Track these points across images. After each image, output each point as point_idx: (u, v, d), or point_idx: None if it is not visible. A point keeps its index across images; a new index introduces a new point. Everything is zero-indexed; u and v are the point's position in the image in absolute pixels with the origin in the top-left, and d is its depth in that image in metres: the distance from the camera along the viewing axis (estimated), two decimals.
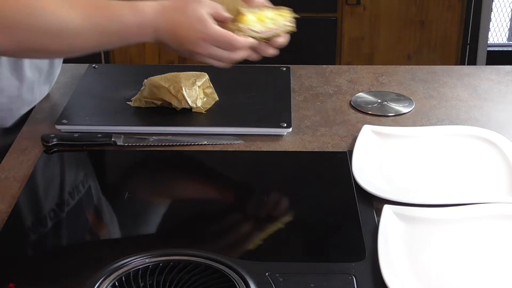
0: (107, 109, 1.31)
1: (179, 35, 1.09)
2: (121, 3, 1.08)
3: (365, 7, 2.75)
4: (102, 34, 1.07)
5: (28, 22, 1.02)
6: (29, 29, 1.02)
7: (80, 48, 1.09)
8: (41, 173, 1.13)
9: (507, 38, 3.19)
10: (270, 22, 1.15)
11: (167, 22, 1.09)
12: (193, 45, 1.09)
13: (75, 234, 1.01)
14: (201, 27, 1.09)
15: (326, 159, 1.19)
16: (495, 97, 1.40)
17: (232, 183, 1.15)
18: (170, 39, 1.10)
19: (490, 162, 1.16)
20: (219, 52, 1.10)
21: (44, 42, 1.05)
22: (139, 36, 1.09)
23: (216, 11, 1.11)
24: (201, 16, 1.09)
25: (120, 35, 1.09)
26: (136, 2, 1.09)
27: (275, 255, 0.96)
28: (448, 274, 0.90)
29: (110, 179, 1.19)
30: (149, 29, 1.09)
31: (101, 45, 1.12)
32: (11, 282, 0.87)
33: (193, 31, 1.09)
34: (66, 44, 1.07)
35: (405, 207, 1.03)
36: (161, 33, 1.09)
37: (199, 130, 1.25)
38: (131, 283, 0.85)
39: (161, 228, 1.02)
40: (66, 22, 1.04)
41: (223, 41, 1.10)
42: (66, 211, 1.06)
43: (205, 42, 1.09)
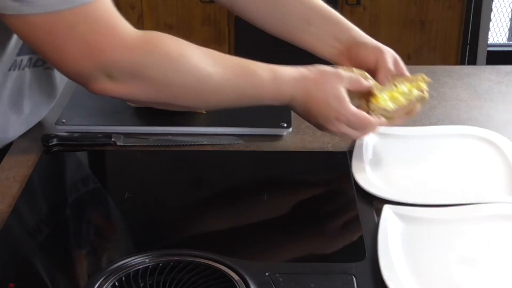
0: (107, 109, 1.31)
1: (313, 109, 1.09)
2: (261, 66, 1.08)
3: (365, 7, 2.75)
4: (239, 95, 1.08)
5: (172, 77, 1.01)
6: (172, 83, 1.02)
7: (213, 105, 1.10)
8: (41, 173, 1.13)
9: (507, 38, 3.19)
10: (403, 98, 1.13)
11: (304, 93, 1.09)
12: (326, 122, 1.10)
13: (75, 234, 1.01)
14: (337, 106, 1.08)
15: (326, 159, 1.19)
16: (495, 97, 1.40)
17: (232, 183, 1.15)
18: (303, 110, 1.11)
19: (490, 162, 1.15)
20: (349, 131, 1.11)
21: (181, 97, 1.05)
22: (273, 101, 1.10)
23: (353, 83, 1.11)
24: (339, 95, 1.08)
25: (256, 98, 1.09)
26: (276, 67, 1.09)
27: (275, 255, 0.96)
28: (448, 274, 0.90)
29: (110, 179, 1.19)
30: (284, 97, 1.09)
31: (234, 104, 1.11)
32: (11, 282, 0.87)
33: (328, 109, 1.09)
34: (201, 100, 1.07)
35: (405, 207, 1.03)
36: (296, 102, 1.10)
37: (199, 130, 1.25)
38: (131, 283, 0.85)
39: (161, 228, 1.02)
40: (207, 80, 1.04)
41: (356, 122, 1.09)
42: (66, 211, 1.06)
43: (338, 121, 1.09)
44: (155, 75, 1.00)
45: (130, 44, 0.98)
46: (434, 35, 2.80)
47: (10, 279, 0.88)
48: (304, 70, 1.10)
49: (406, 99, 1.14)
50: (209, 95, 1.06)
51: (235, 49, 2.77)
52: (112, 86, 0.99)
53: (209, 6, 2.70)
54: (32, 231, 1.00)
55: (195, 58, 1.03)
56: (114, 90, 1.00)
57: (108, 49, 0.97)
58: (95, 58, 0.97)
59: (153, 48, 1.00)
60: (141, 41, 1.00)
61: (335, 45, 1.23)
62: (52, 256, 0.95)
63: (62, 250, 0.97)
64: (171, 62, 1.01)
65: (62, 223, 1.03)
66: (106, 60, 0.97)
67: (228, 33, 2.76)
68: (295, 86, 1.09)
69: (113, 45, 0.97)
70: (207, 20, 2.72)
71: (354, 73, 1.12)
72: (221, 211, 1.07)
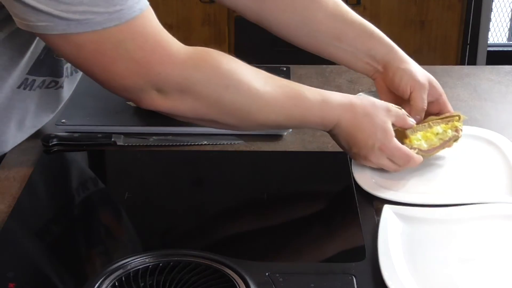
0: (107, 109, 1.31)
1: (357, 137, 1.08)
2: (310, 89, 1.07)
3: (365, 7, 2.74)
4: (286, 117, 1.06)
5: (221, 92, 1.01)
6: (221, 100, 1.01)
7: (259, 125, 1.08)
8: (41, 173, 1.13)
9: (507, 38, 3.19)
10: (437, 139, 1.13)
11: (351, 121, 1.07)
12: (368, 152, 1.08)
13: (75, 234, 1.01)
14: (383, 138, 1.08)
15: (326, 159, 1.19)
16: (495, 97, 1.40)
17: (232, 183, 1.15)
18: (346, 138, 1.09)
19: (490, 162, 1.15)
20: (389, 164, 1.10)
21: (229, 114, 1.03)
22: (318, 125, 1.09)
23: (399, 120, 1.10)
24: (387, 128, 1.08)
25: (301, 121, 1.08)
26: (324, 91, 1.08)
27: (275, 255, 0.96)
28: (448, 274, 0.90)
29: (110, 179, 1.19)
30: (330, 122, 1.08)
31: (279, 125, 1.11)
32: (11, 282, 0.87)
33: (374, 139, 1.08)
34: (249, 119, 1.05)
35: (405, 207, 1.03)
36: (340, 129, 1.08)
37: (199, 130, 1.25)
38: (131, 283, 0.85)
39: (161, 228, 1.02)
40: (256, 99, 1.03)
41: (399, 157, 1.09)
42: (66, 211, 1.06)
43: (381, 152, 1.08)
44: (205, 91, 1.00)
45: (180, 59, 0.97)
46: (434, 35, 2.80)
47: (10, 279, 0.88)
48: (354, 98, 1.09)
49: (440, 139, 1.13)
50: (257, 114, 1.04)
51: (235, 49, 2.76)
52: (162, 101, 0.99)
53: (209, 6, 2.70)
54: (32, 231, 1.00)
55: (246, 76, 1.02)
56: (164, 105, 0.99)
57: (157, 65, 0.96)
58: (144, 75, 0.96)
59: (203, 63, 1.00)
60: (190, 56, 0.99)
61: (370, 62, 1.21)
62: (52, 256, 0.96)
63: (62, 250, 0.97)
64: (221, 78, 1.00)
65: (62, 223, 1.03)
66: (155, 76, 0.96)
67: (228, 33, 2.76)
68: (342, 112, 1.07)
69: (162, 61, 0.96)
70: (207, 20, 2.72)
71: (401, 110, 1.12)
72: (221, 211, 1.07)
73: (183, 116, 1.03)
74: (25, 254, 0.95)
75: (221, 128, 1.09)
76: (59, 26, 0.91)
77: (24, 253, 0.95)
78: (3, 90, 1.09)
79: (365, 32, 1.21)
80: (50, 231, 1.01)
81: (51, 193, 1.10)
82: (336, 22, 1.21)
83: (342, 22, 1.21)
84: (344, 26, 1.21)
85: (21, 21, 0.93)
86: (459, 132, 1.15)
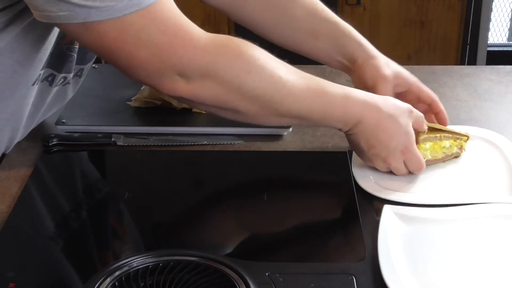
0: (107, 109, 1.31)
1: (380, 139, 1.07)
2: (333, 84, 1.06)
3: (365, 7, 2.74)
4: (308, 109, 1.04)
5: (244, 78, 0.99)
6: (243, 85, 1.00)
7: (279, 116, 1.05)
8: (41, 173, 1.13)
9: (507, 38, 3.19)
10: (441, 152, 1.13)
11: (374, 120, 1.06)
12: (389, 153, 1.07)
13: (75, 234, 1.01)
14: (406, 142, 1.07)
15: (326, 159, 1.19)
16: (495, 97, 1.40)
17: (232, 183, 1.15)
18: (368, 137, 1.07)
19: (490, 162, 1.16)
20: (402, 168, 1.09)
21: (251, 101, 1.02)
22: (339, 121, 1.07)
23: (418, 122, 1.10)
24: (410, 132, 1.08)
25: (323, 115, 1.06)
26: (347, 87, 1.08)
27: (275, 255, 0.96)
28: (448, 274, 0.90)
29: (110, 179, 1.19)
30: (352, 118, 1.06)
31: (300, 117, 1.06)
32: (11, 282, 0.87)
33: (397, 142, 1.07)
34: (270, 109, 1.03)
35: (405, 207, 1.03)
36: (362, 127, 1.06)
37: (199, 130, 1.25)
38: (131, 283, 0.85)
39: (161, 228, 1.02)
40: (279, 86, 1.02)
41: (415, 163, 1.09)
42: (66, 211, 1.06)
43: (402, 155, 1.08)
44: (227, 75, 0.99)
45: (202, 43, 0.97)
46: (434, 35, 2.80)
47: (10, 279, 0.88)
48: (377, 97, 1.08)
49: (443, 153, 1.14)
50: (279, 102, 1.03)
51: None
52: (184, 86, 0.98)
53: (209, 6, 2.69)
54: (32, 231, 1.00)
55: (269, 63, 1.02)
56: (185, 91, 0.98)
57: (180, 48, 0.96)
58: (166, 60, 0.96)
59: (225, 48, 0.99)
60: (212, 41, 0.98)
61: (341, 60, 1.23)
62: (52, 256, 0.96)
63: (62, 250, 0.97)
64: (243, 63, 1.00)
65: (62, 223, 1.03)
66: (178, 60, 0.96)
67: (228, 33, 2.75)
68: (365, 109, 1.06)
69: (184, 44, 0.96)
70: (207, 20, 2.72)
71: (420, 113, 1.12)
72: (221, 211, 1.07)
73: (204, 103, 1.02)
74: (25, 254, 0.95)
75: (242, 120, 1.06)
76: (80, 15, 0.91)
77: (24, 253, 0.95)
78: (19, 87, 1.10)
79: (338, 30, 1.23)
80: (50, 231, 1.01)
81: (51, 193, 1.10)
82: (312, 19, 1.23)
83: (318, 20, 1.23)
84: (319, 24, 1.23)
85: (41, 13, 0.93)
86: (462, 151, 1.16)
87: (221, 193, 1.11)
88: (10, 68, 1.06)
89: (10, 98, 1.10)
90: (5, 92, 1.09)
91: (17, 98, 1.11)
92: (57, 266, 0.94)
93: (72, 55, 1.15)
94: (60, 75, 1.16)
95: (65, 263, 0.94)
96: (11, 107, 1.11)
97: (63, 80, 1.17)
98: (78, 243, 0.99)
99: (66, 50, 1.13)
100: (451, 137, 1.15)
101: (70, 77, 1.19)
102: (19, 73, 1.08)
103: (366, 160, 1.11)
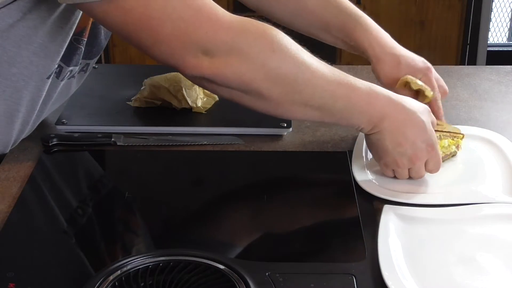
0: (107, 109, 1.31)
1: (408, 136, 1.05)
2: (355, 78, 1.06)
3: (365, 7, 2.75)
4: (331, 96, 1.02)
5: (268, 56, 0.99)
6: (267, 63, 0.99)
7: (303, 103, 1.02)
8: (41, 173, 1.13)
9: (507, 38, 3.19)
10: (441, 152, 1.12)
11: (401, 117, 1.05)
12: (417, 150, 1.05)
13: (75, 234, 1.01)
14: (431, 139, 1.06)
15: (326, 159, 1.19)
16: (495, 97, 1.40)
17: (232, 183, 1.15)
18: (394, 134, 1.05)
19: (490, 162, 1.15)
20: (420, 169, 1.08)
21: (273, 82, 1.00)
22: (363, 113, 1.04)
23: (433, 123, 1.10)
24: (431, 129, 1.07)
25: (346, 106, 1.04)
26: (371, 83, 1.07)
27: (275, 255, 0.96)
28: (448, 274, 0.90)
29: (110, 179, 1.19)
30: (377, 111, 1.04)
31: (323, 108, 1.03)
32: (11, 282, 0.87)
33: (423, 137, 1.05)
34: (293, 92, 1.01)
35: (405, 207, 1.03)
36: (389, 122, 1.04)
37: (199, 130, 1.25)
38: (131, 283, 0.85)
39: (161, 228, 1.02)
40: (303, 68, 1.00)
41: (436, 162, 1.08)
42: (66, 211, 1.06)
43: (427, 154, 1.06)
44: (251, 52, 0.98)
45: (226, 20, 0.97)
46: (434, 35, 2.80)
47: (10, 279, 0.88)
48: (401, 96, 1.07)
49: (443, 153, 1.14)
50: (303, 85, 1.01)
51: None
52: (208, 63, 0.97)
53: None
54: (32, 231, 1.00)
55: (292, 45, 1.01)
56: (209, 69, 0.97)
57: (205, 23, 0.96)
58: (191, 34, 0.96)
59: (249, 25, 0.99)
60: (237, 20, 0.99)
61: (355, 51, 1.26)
62: (52, 256, 0.95)
63: (62, 250, 0.97)
64: (267, 41, 0.99)
65: (62, 223, 1.03)
66: (203, 35, 0.96)
67: None
68: (389, 105, 1.05)
69: (210, 19, 0.96)
70: None
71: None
72: (221, 211, 1.07)
73: (227, 83, 1.00)
74: (25, 254, 0.95)
75: (264, 108, 1.04)
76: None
77: (24, 253, 0.95)
78: (34, 78, 1.10)
79: (350, 23, 1.24)
80: (50, 231, 1.01)
81: (51, 193, 1.10)
82: (325, 11, 1.25)
83: (330, 11, 1.25)
84: (331, 15, 1.25)
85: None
86: (459, 149, 1.17)
87: (221, 193, 1.11)
88: (26, 59, 1.07)
89: (25, 90, 1.10)
90: (20, 82, 1.09)
91: (32, 90, 1.11)
92: (57, 266, 0.94)
93: (79, 47, 1.15)
94: (68, 68, 1.16)
95: (65, 263, 0.94)
96: (25, 99, 1.12)
97: (69, 74, 1.18)
98: (78, 243, 0.99)
99: (74, 41, 1.13)
100: (449, 136, 1.15)
101: (76, 70, 1.19)
102: (35, 64, 1.08)
103: (388, 163, 1.08)
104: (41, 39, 1.06)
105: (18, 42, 1.05)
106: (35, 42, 1.06)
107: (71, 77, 1.20)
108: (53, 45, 1.08)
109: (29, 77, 1.09)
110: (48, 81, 1.12)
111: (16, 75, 1.08)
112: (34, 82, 1.10)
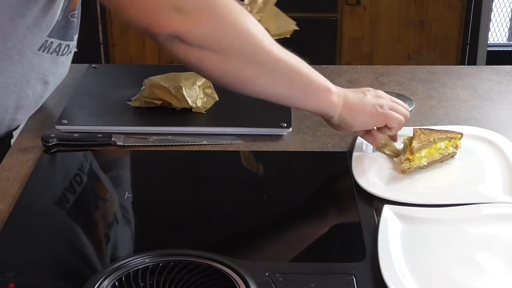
0: (107, 109, 1.31)
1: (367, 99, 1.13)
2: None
3: (365, 7, 2.74)
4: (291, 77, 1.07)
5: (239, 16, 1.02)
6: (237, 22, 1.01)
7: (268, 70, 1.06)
8: (41, 173, 1.13)
9: (507, 38, 3.19)
10: (438, 154, 1.14)
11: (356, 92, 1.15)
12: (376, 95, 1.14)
13: (75, 234, 1.01)
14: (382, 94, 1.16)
15: (326, 159, 1.19)
16: (495, 97, 1.40)
17: (232, 183, 1.15)
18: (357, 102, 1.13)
19: (490, 162, 1.15)
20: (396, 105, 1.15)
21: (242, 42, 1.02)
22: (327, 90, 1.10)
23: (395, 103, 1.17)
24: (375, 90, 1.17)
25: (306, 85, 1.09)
26: None
27: (275, 255, 0.96)
28: (448, 274, 0.90)
29: (110, 179, 1.19)
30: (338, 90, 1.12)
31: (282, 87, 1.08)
32: (11, 282, 0.87)
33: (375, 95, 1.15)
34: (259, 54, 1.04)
35: (405, 207, 1.03)
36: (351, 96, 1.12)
37: (199, 130, 1.25)
38: (131, 283, 0.85)
39: (161, 228, 1.02)
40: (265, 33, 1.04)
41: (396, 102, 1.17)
42: (66, 211, 1.06)
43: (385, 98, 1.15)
44: (224, 11, 1.00)
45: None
46: (434, 35, 2.80)
47: (10, 279, 0.88)
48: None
49: (440, 154, 1.15)
50: (270, 46, 1.04)
51: None
52: (180, 21, 0.98)
53: None
54: (32, 231, 1.00)
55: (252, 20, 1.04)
56: (181, 26, 0.98)
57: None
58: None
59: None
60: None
61: None
62: (52, 256, 0.96)
63: (62, 250, 0.97)
64: (238, 6, 1.02)
65: (62, 223, 1.03)
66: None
67: None
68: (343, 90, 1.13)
69: None
70: None
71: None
72: (221, 211, 1.07)
73: (199, 41, 1.00)
74: (25, 254, 0.95)
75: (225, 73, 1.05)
76: None
77: (24, 253, 0.95)
78: (27, 51, 1.16)
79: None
80: (50, 231, 1.01)
81: (51, 193, 1.10)
82: None
83: None
84: None
85: None
86: (458, 149, 1.17)
87: (221, 193, 1.11)
88: (20, 33, 1.13)
89: (18, 63, 1.15)
90: (14, 56, 1.15)
91: (24, 63, 1.16)
92: (57, 266, 0.94)
93: (73, 20, 1.21)
94: (64, 43, 1.21)
95: (65, 263, 0.94)
96: (19, 73, 1.16)
97: (67, 49, 1.22)
98: (78, 243, 0.99)
99: (70, 17, 1.19)
100: (445, 138, 1.15)
101: (72, 45, 1.24)
102: (28, 38, 1.13)
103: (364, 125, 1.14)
104: (34, 14, 1.11)
105: (12, 15, 1.10)
106: (29, 16, 1.11)
107: (69, 53, 1.24)
108: (44, 18, 1.13)
109: (23, 51, 1.15)
110: (39, 53, 1.17)
111: (11, 49, 1.13)
112: (26, 55, 1.15)
